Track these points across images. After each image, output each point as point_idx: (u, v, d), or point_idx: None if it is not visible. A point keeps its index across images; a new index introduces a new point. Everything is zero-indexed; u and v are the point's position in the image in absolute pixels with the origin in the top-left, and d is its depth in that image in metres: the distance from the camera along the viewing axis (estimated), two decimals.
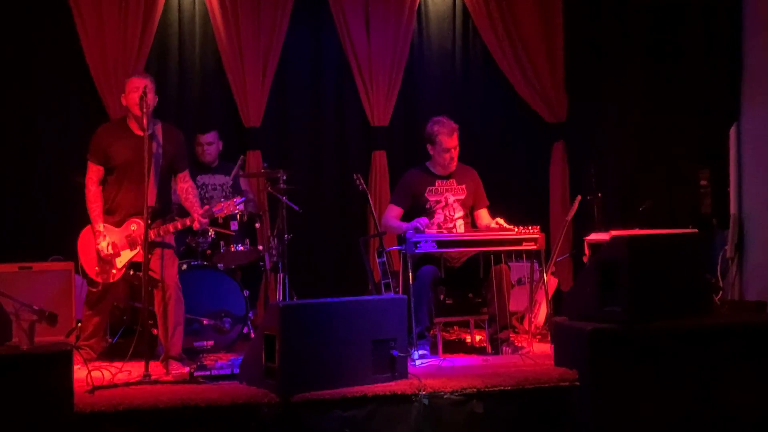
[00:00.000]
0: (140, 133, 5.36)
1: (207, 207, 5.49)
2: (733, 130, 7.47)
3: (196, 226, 5.49)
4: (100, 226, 5.44)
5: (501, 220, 5.96)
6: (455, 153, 6.11)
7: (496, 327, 5.85)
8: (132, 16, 7.03)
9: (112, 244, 5.44)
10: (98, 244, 5.42)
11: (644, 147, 7.87)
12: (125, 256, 5.46)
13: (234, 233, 6.41)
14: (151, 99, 5.35)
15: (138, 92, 5.30)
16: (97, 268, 5.48)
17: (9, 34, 6.94)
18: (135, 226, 5.43)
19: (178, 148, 5.61)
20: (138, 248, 5.40)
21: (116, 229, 5.47)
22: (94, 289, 5.55)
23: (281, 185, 6.53)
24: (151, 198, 5.33)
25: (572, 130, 7.99)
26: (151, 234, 5.29)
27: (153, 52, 7.19)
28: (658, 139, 7.85)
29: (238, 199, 5.52)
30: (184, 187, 5.64)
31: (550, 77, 7.93)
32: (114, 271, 5.46)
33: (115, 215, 5.50)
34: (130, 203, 5.47)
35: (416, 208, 6.13)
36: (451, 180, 6.19)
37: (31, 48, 7.01)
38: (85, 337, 5.60)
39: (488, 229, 5.96)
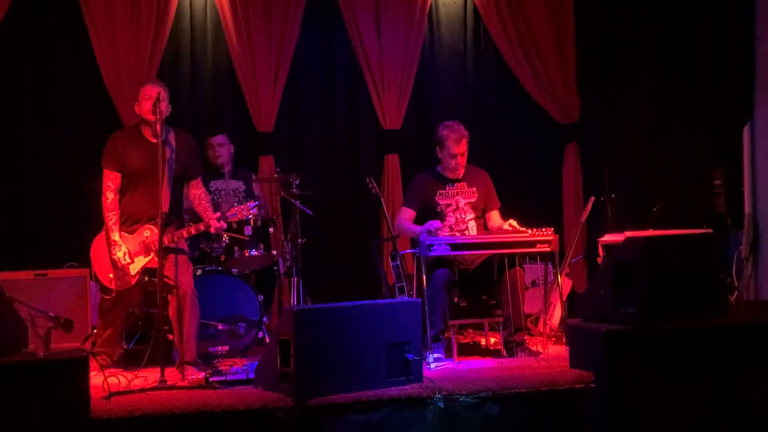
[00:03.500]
0: (154, 140, 5.39)
1: (220, 212, 5.51)
2: (746, 130, 7.46)
3: (212, 230, 5.51)
4: (116, 236, 5.43)
5: (514, 222, 5.95)
6: (462, 159, 6.12)
7: (511, 329, 5.84)
8: (144, 23, 7.06)
9: (126, 252, 5.46)
10: (114, 254, 5.41)
11: (657, 147, 7.86)
12: (139, 263, 5.47)
13: (248, 238, 6.43)
14: (165, 107, 5.35)
15: (151, 100, 5.32)
16: (111, 275, 5.49)
17: (24, 44, 6.97)
18: (148, 232, 5.45)
19: (190, 155, 5.63)
20: (152, 254, 5.42)
21: (129, 236, 5.49)
22: (107, 297, 5.56)
23: (294, 190, 6.54)
24: (164, 204, 5.34)
25: (585, 131, 7.97)
26: (165, 240, 5.31)
27: (165, 58, 7.21)
28: (671, 139, 7.84)
29: (251, 204, 5.54)
30: (197, 193, 5.65)
31: (561, 78, 7.91)
32: (128, 278, 5.48)
33: (127, 222, 5.52)
34: (142, 210, 5.49)
35: (427, 211, 6.13)
36: (462, 183, 6.19)
37: (45, 57, 7.04)
38: (101, 344, 5.61)
39: (501, 231, 5.96)
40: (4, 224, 6.92)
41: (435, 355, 5.60)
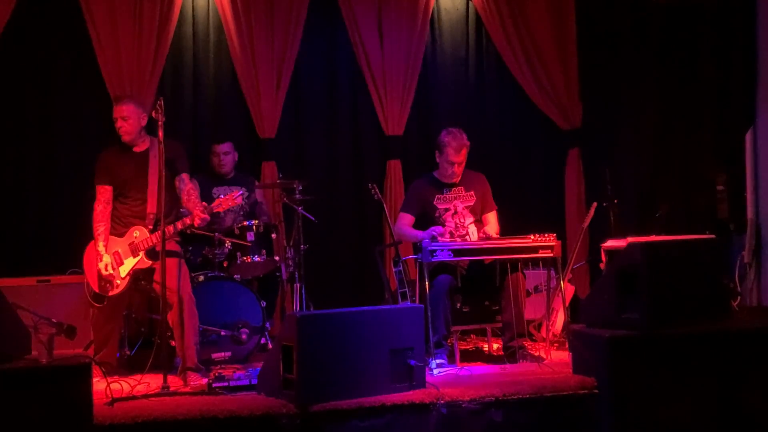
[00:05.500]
0: (138, 150, 5.66)
1: (205, 204, 5.57)
2: (749, 135, 7.45)
3: (197, 222, 5.54)
4: (101, 247, 5.55)
5: (488, 230, 6.02)
6: (459, 168, 6.13)
7: (511, 335, 5.83)
8: (146, 30, 7.06)
9: (114, 254, 5.54)
10: (97, 265, 5.54)
11: (660, 152, 7.86)
12: (128, 264, 5.54)
13: (250, 244, 6.42)
14: (133, 124, 5.62)
15: (117, 122, 5.65)
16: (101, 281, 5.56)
17: (26, 54, 6.98)
18: (138, 232, 5.56)
19: (175, 154, 5.70)
20: (140, 254, 5.51)
21: (119, 238, 5.59)
22: (98, 305, 5.59)
23: (297, 196, 6.55)
24: (152, 206, 5.51)
25: (587, 137, 7.96)
26: (152, 239, 5.40)
27: (168, 65, 7.22)
28: (673, 144, 7.84)
29: (236, 193, 5.61)
30: (186, 189, 5.73)
31: (564, 84, 7.91)
32: (118, 281, 5.52)
33: (118, 227, 5.64)
34: (131, 214, 5.63)
35: (426, 216, 6.14)
36: (459, 188, 6.20)
37: (48, 66, 7.04)
38: (99, 359, 5.60)
39: (480, 240, 5.97)
40: (8, 231, 6.92)
41: (438, 361, 5.59)
